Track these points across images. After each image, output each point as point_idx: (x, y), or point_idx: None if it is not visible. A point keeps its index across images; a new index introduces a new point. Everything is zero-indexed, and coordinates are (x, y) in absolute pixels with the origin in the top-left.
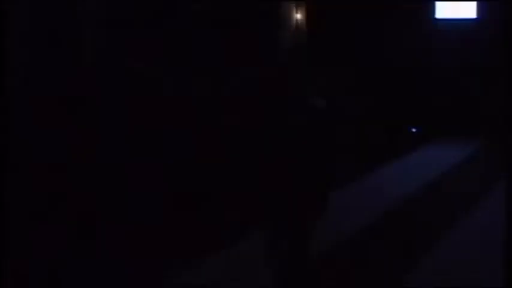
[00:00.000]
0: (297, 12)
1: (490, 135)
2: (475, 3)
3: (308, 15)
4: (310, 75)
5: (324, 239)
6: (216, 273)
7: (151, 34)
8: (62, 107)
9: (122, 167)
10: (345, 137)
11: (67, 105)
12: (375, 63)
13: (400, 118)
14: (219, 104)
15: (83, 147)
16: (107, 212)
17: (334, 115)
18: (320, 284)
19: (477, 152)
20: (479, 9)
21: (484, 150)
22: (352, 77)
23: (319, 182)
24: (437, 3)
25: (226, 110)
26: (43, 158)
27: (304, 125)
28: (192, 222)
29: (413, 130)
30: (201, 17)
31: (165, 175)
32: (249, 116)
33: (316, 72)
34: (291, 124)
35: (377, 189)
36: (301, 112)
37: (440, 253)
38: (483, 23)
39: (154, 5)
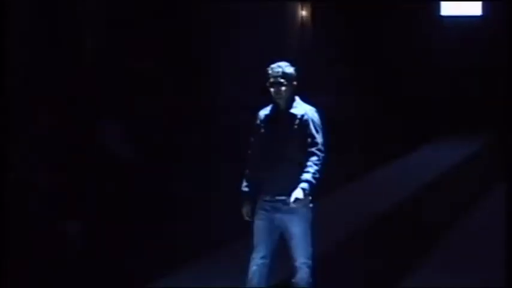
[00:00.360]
0: (302, 9)
1: (492, 135)
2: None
3: (314, 13)
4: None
5: (324, 239)
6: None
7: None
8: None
9: None
10: (348, 136)
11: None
12: (378, 62)
13: (401, 117)
14: None
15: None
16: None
17: (338, 113)
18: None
19: (477, 152)
20: (484, 7)
21: (485, 150)
22: (354, 76)
23: None
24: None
25: None
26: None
27: None
28: None
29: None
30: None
31: None
32: None
33: (323, 70)
34: None
35: (377, 190)
36: None
37: (439, 253)
38: (488, 20)
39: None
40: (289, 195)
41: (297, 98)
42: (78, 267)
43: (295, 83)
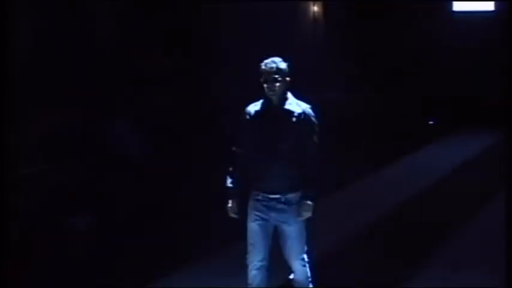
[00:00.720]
0: (314, 5)
1: (502, 133)
2: None
3: (326, 9)
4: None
5: (330, 237)
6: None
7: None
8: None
9: None
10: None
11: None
12: (388, 58)
13: (411, 114)
14: None
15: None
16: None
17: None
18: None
19: (486, 150)
20: (497, 3)
21: (493, 148)
22: (365, 72)
23: None
24: None
25: None
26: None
27: None
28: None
29: (431, 122)
30: None
31: None
32: None
33: (335, 66)
34: None
35: (384, 188)
36: None
37: (447, 253)
38: (501, 16)
39: None
40: (284, 193)
41: (289, 94)
42: (78, 265)
43: (288, 78)
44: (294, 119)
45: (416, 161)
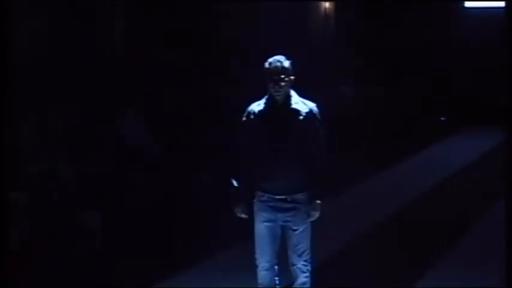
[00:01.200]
0: (325, 0)
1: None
2: None
3: (337, 4)
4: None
5: (335, 238)
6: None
7: None
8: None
9: None
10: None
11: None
12: (399, 54)
13: (420, 110)
14: None
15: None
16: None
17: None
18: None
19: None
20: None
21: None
22: (374, 68)
23: None
24: None
25: None
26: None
27: None
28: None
29: (442, 119)
30: None
31: None
32: None
33: (345, 63)
34: None
35: (386, 189)
36: None
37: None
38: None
39: None
40: (290, 194)
41: (293, 93)
42: (78, 265)
43: (292, 77)
44: (301, 118)
45: (418, 161)
